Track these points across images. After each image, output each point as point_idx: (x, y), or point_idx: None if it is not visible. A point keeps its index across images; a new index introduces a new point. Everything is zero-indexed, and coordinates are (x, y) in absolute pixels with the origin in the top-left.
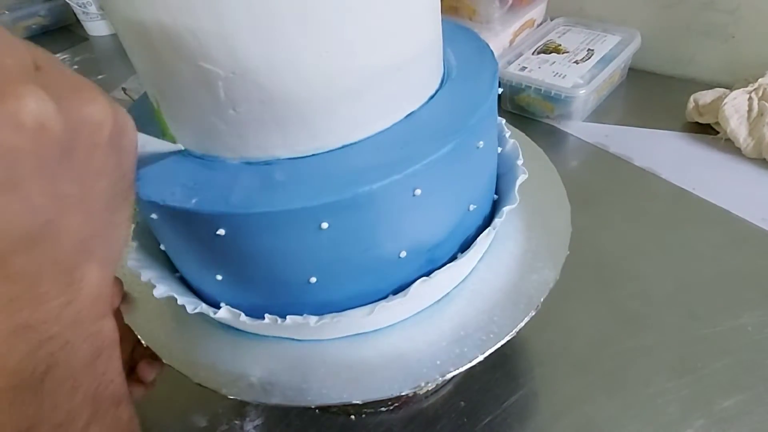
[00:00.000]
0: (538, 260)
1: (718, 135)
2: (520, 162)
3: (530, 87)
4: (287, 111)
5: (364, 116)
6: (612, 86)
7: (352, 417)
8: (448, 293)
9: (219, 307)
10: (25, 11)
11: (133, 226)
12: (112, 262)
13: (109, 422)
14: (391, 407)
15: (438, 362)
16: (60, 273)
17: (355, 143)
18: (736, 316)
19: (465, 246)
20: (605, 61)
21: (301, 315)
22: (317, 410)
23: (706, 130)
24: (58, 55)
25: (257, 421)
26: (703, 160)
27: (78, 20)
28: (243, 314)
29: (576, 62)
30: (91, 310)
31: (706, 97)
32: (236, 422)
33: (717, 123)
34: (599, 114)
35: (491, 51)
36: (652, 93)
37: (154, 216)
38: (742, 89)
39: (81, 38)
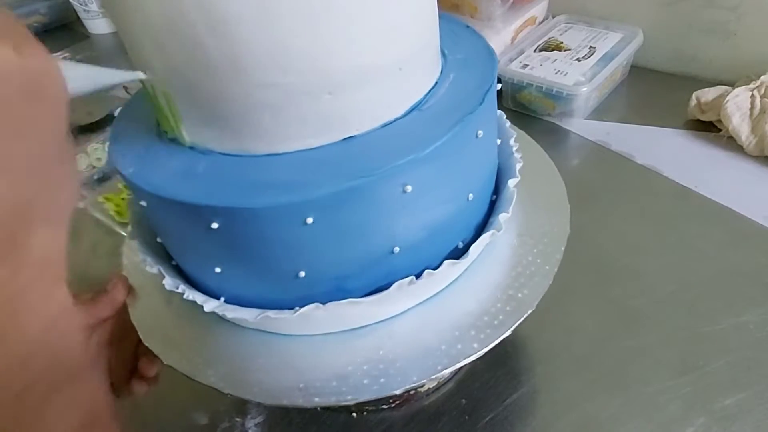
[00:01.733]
0: (530, 266)
1: (720, 133)
2: (517, 163)
3: (532, 85)
4: (286, 103)
5: (365, 110)
6: (614, 84)
7: (354, 414)
8: (442, 289)
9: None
10: (26, 9)
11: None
12: (59, 222)
13: (70, 400)
14: (393, 405)
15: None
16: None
17: (356, 136)
18: (738, 314)
19: (466, 240)
20: (607, 58)
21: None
22: (318, 408)
23: (708, 127)
24: (59, 53)
25: (258, 419)
26: (705, 157)
27: (78, 18)
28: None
29: (578, 60)
30: (43, 276)
31: (708, 94)
32: (237, 420)
33: (719, 120)
34: (601, 112)
35: (487, 43)
36: (654, 90)
37: (143, 203)
38: (744, 87)
39: (82, 36)
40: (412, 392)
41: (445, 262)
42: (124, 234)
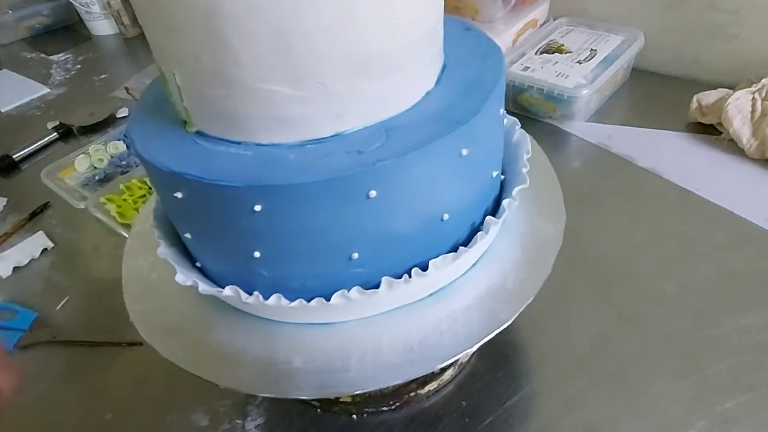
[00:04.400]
0: (523, 270)
1: (722, 135)
2: (524, 162)
3: (533, 87)
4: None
5: (399, 90)
6: (615, 86)
7: (354, 416)
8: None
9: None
10: (29, 10)
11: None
12: None
13: None
14: (393, 407)
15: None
16: None
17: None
18: (739, 317)
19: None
20: (608, 61)
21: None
22: (319, 409)
23: (709, 130)
24: (61, 54)
25: (258, 420)
26: (706, 160)
27: (81, 20)
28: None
29: (579, 62)
30: None
31: (709, 97)
32: (238, 421)
33: (720, 123)
34: (602, 114)
35: (494, 42)
36: (655, 93)
37: (179, 195)
38: (745, 89)
39: (84, 37)
40: (412, 394)
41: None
42: (126, 235)
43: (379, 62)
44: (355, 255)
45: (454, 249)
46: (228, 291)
